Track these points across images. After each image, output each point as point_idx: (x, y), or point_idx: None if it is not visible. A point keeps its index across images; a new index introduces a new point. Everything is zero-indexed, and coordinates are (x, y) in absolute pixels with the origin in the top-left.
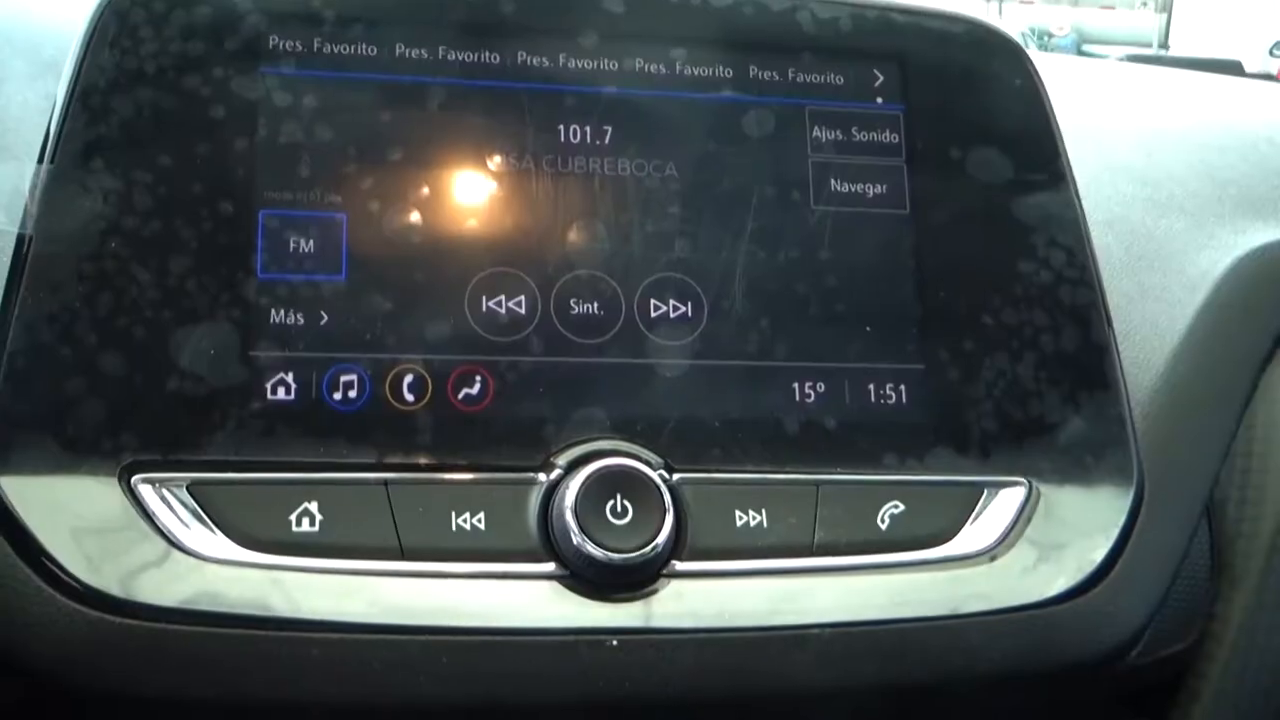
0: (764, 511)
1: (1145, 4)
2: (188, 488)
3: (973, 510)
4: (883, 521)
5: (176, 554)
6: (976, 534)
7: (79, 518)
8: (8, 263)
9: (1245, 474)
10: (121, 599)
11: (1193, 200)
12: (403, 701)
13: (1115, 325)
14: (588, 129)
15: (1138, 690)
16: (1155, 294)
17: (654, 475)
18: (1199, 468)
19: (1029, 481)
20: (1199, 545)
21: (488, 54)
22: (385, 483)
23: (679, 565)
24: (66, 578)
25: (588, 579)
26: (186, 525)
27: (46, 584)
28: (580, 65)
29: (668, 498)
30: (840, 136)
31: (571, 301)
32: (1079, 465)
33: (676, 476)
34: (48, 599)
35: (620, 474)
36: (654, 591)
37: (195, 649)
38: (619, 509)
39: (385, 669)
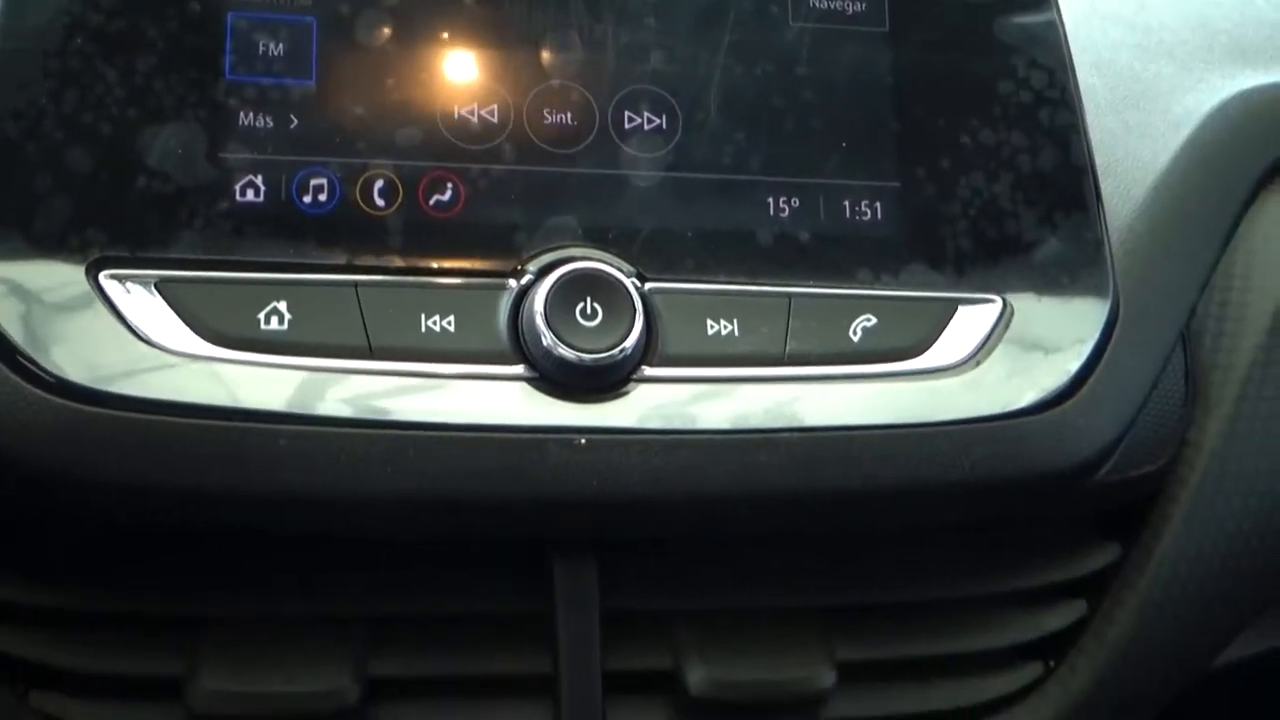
0: (735, 321)
1: None
2: (155, 285)
3: (946, 325)
4: (855, 334)
5: (144, 347)
6: (949, 348)
7: (47, 311)
8: None
9: (1224, 306)
10: (90, 389)
11: (1182, 47)
12: (370, 495)
13: (1097, 158)
14: None
15: (1110, 512)
16: (1139, 130)
17: (625, 280)
18: (1176, 295)
19: (1003, 298)
20: (1174, 373)
21: None
22: (355, 284)
23: (649, 370)
24: (35, 368)
25: (557, 381)
26: (154, 320)
27: (14, 373)
28: None
29: (638, 301)
30: None
31: (545, 111)
32: (1054, 283)
33: (648, 285)
34: (15, 388)
35: (591, 277)
36: (623, 394)
37: (163, 438)
38: (589, 311)
39: (353, 462)
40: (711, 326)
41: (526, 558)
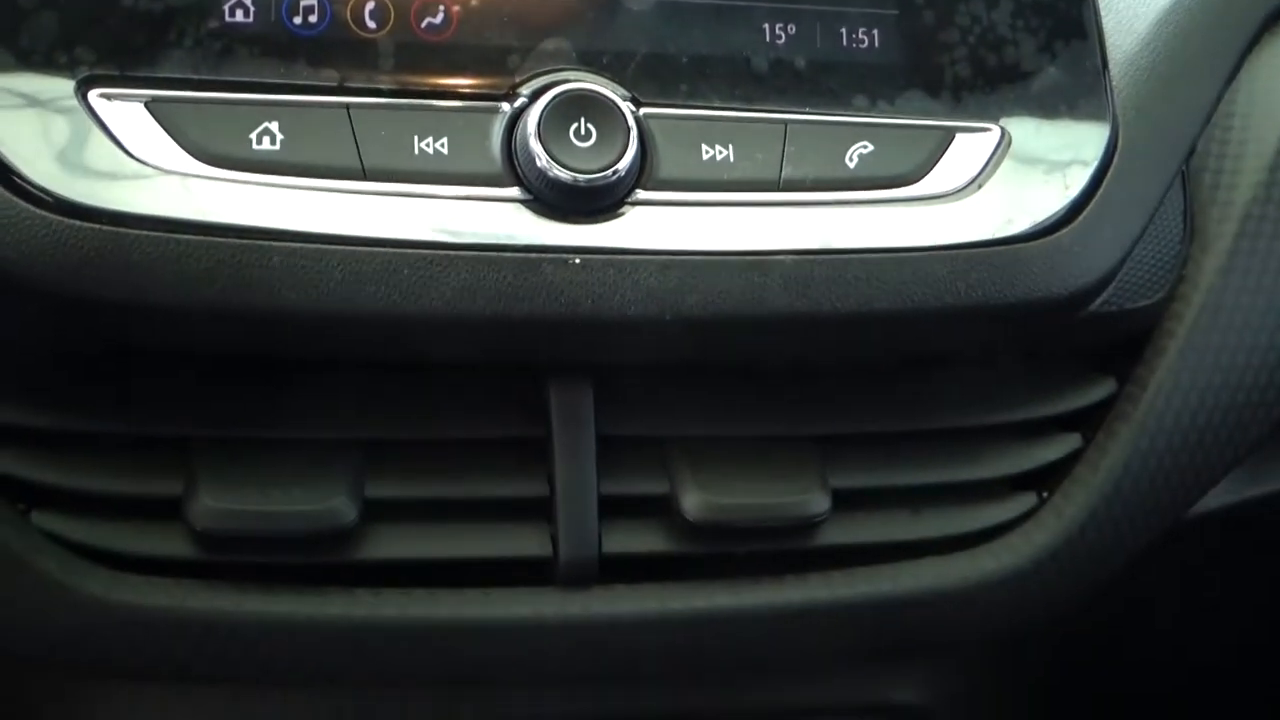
0: (731, 146)
1: None
2: (146, 104)
3: (943, 152)
4: (851, 160)
5: (136, 165)
6: (946, 175)
7: (39, 129)
8: None
9: (1224, 145)
10: (84, 205)
11: None
12: (363, 314)
13: None
14: None
15: (1106, 348)
16: None
17: (620, 102)
18: (1176, 129)
19: (1001, 126)
20: (1173, 209)
21: None
22: (347, 106)
23: (643, 194)
24: (29, 185)
25: (551, 202)
26: (146, 139)
27: (8, 191)
28: None
29: (632, 124)
30: None
31: None
32: (1052, 111)
33: (643, 110)
34: (9, 204)
35: (585, 98)
36: (618, 215)
37: (156, 254)
38: (583, 132)
39: (346, 279)
40: (706, 151)
41: (523, 383)
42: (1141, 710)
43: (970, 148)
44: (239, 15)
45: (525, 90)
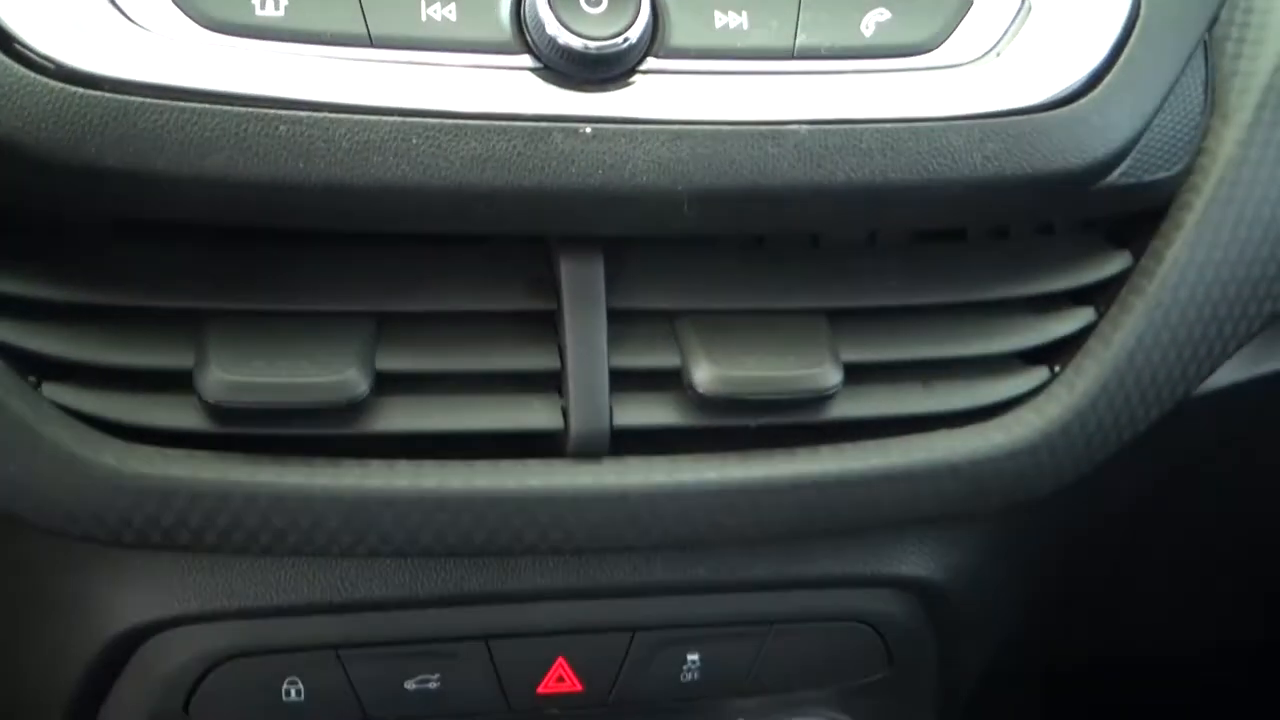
0: (744, 14)
1: None
2: None
3: (961, 19)
4: (867, 28)
5: (138, 31)
6: (964, 43)
7: None
8: None
9: (1248, 14)
10: (86, 72)
11: None
12: (372, 182)
13: None
14: None
15: (1123, 223)
16: None
17: None
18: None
19: None
20: (1194, 80)
21: None
22: None
23: (655, 62)
24: (32, 54)
25: (561, 70)
26: (148, 5)
27: (11, 59)
28: None
29: None
30: None
31: None
32: None
33: None
34: (13, 73)
35: None
36: (629, 84)
37: (159, 121)
38: None
39: (353, 149)
40: (719, 19)
41: (533, 256)
42: (1146, 593)
43: (989, 14)
44: None
45: None
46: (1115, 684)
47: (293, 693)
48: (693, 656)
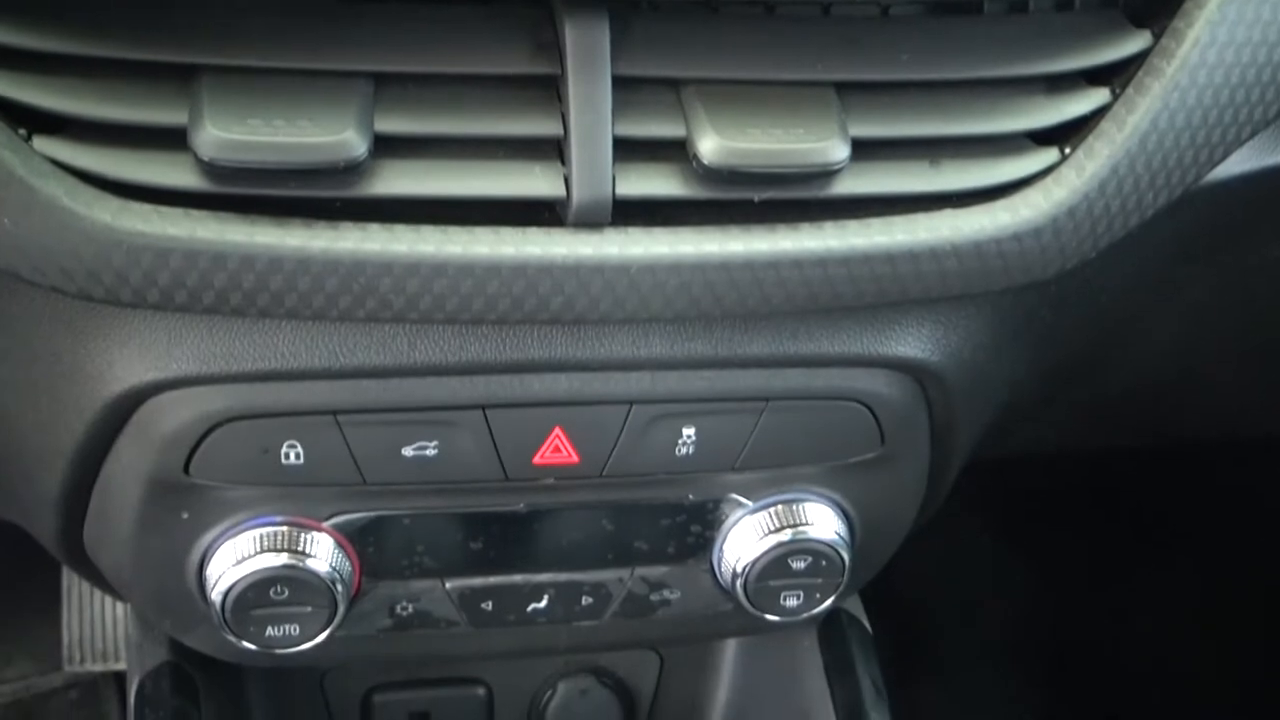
0: None
1: None
2: None
3: None
4: None
5: None
6: None
7: None
8: None
9: None
10: None
11: None
12: None
13: None
14: None
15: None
16: None
17: None
18: None
19: None
20: None
21: None
22: None
23: None
24: None
25: None
26: None
27: None
28: None
29: None
30: None
31: None
32: None
33: None
34: None
35: None
36: None
37: None
38: None
39: None
40: None
41: (538, 19)
42: (1141, 383)
43: None
44: None
45: None
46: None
47: (292, 456)
48: (688, 431)
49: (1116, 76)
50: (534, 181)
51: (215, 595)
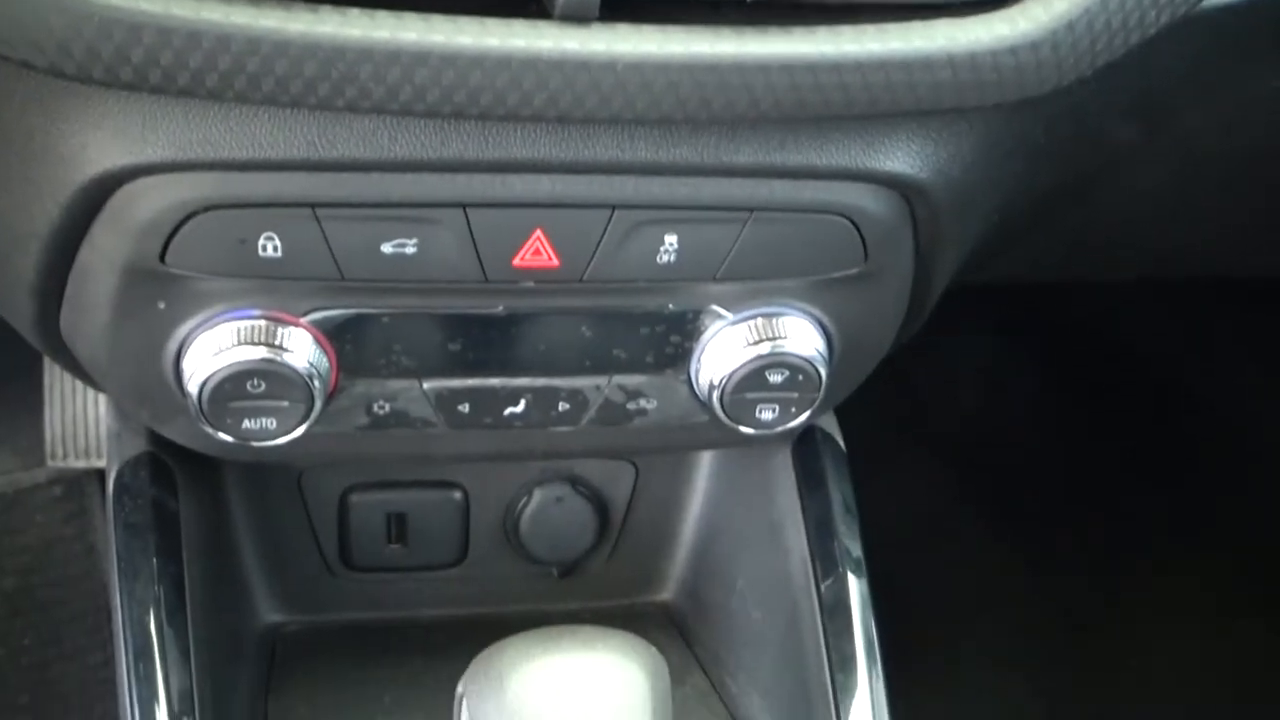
0: None
1: None
2: None
3: None
4: None
5: None
6: None
7: None
8: None
9: None
10: None
11: None
12: None
13: None
14: None
15: None
16: None
17: None
18: None
19: None
20: None
21: None
22: None
23: None
24: None
25: None
26: None
27: None
28: None
29: None
30: None
31: None
32: None
33: None
34: None
35: None
36: None
37: None
38: None
39: None
40: None
41: None
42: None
43: None
44: None
45: None
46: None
47: (269, 248)
48: (670, 238)
49: None
50: None
51: (192, 387)
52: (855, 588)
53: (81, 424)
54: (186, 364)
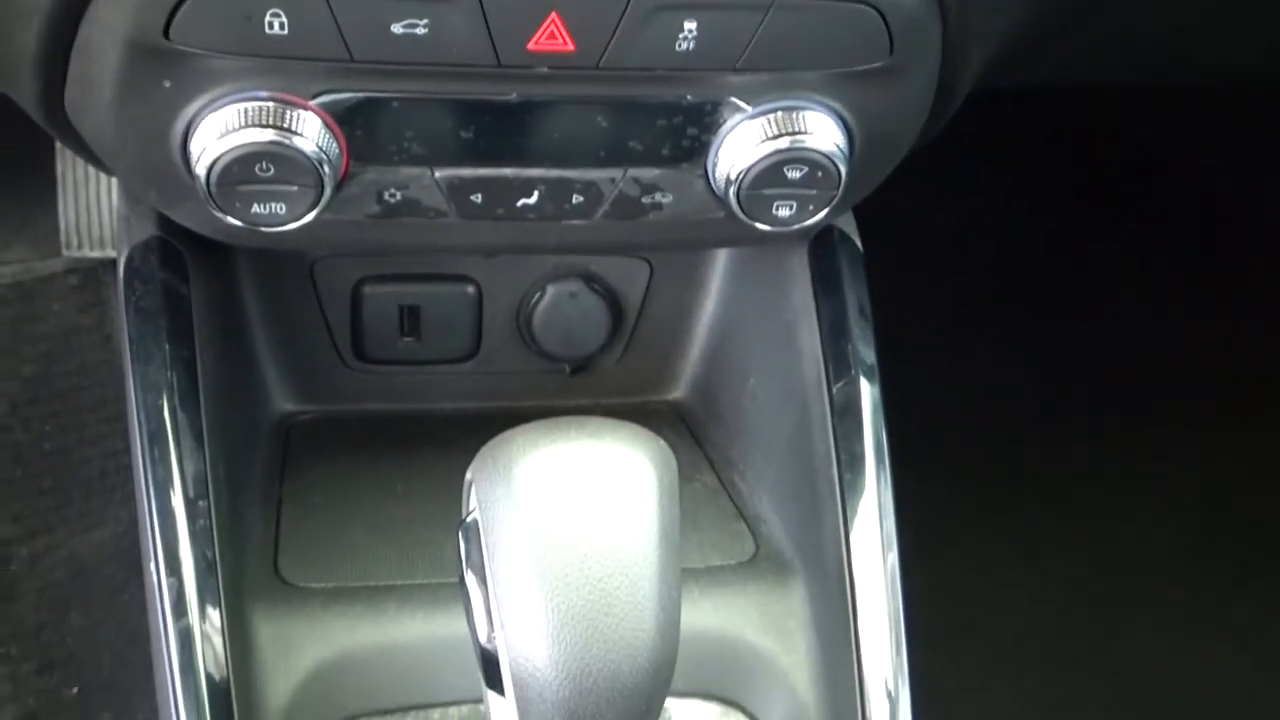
0: None
1: None
2: None
3: None
4: None
5: None
6: None
7: None
8: None
9: None
10: None
11: None
12: None
13: None
14: None
15: None
16: None
17: None
18: None
19: None
20: None
21: None
22: None
23: None
24: None
25: None
26: None
27: None
28: None
29: None
30: None
31: None
32: None
33: None
34: None
35: None
36: None
37: None
38: None
39: None
40: None
41: None
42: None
43: None
44: None
45: None
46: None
47: (275, 25)
48: (690, 25)
49: None
50: None
51: (200, 169)
52: (867, 391)
53: (95, 213)
54: (194, 145)
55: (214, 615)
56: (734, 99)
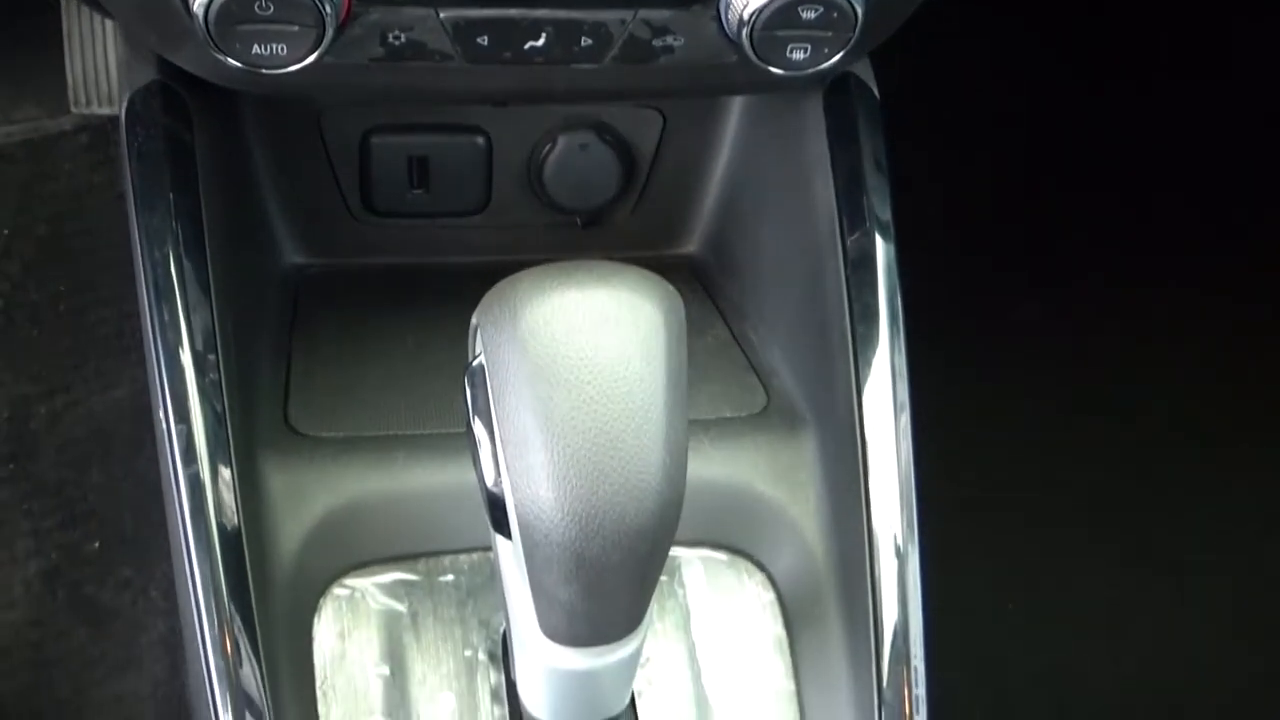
0: None
1: None
2: None
3: None
4: None
5: None
6: None
7: None
8: None
9: None
10: None
11: None
12: None
13: None
14: None
15: None
16: None
17: None
18: None
19: None
20: None
21: None
22: None
23: None
24: None
25: None
26: None
27: None
28: None
29: None
30: None
31: None
32: None
33: None
34: None
35: None
36: None
37: None
38: None
39: None
40: None
41: None
42: None
43: None
44: None
45: None
46: None
47: None
48: None
49: None
50: None
51: (198, 7)
52: (880, 245)
53: (103, 69)
54: None
55: (224, 465)
56: None
